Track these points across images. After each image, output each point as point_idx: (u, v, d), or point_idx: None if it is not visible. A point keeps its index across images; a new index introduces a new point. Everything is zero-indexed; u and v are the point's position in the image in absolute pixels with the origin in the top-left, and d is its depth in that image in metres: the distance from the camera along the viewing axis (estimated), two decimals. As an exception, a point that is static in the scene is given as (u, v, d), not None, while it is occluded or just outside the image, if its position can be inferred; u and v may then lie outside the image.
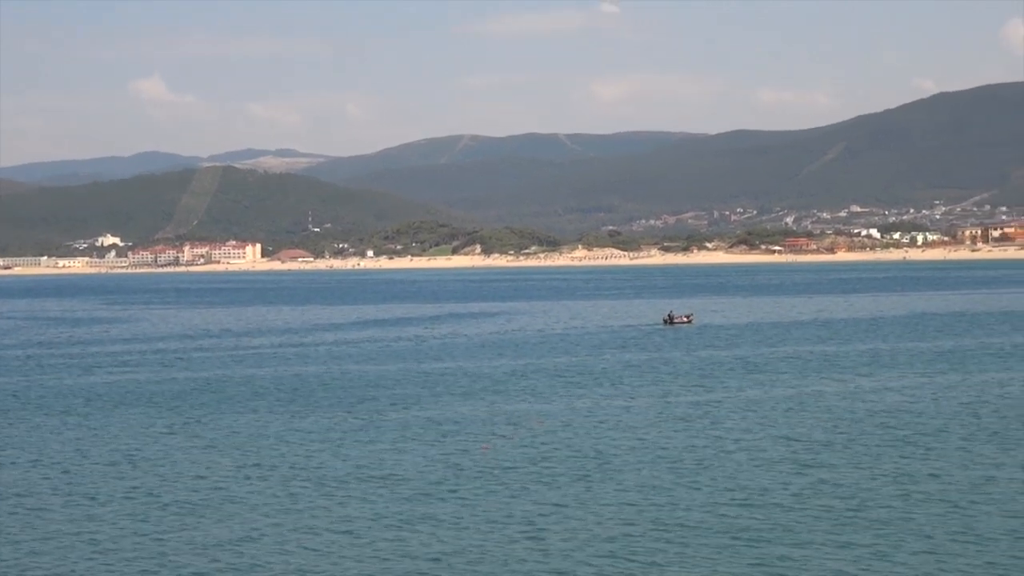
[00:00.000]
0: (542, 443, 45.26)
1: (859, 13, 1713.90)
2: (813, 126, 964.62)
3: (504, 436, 47.13)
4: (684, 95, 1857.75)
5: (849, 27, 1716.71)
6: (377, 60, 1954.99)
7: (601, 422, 50.23)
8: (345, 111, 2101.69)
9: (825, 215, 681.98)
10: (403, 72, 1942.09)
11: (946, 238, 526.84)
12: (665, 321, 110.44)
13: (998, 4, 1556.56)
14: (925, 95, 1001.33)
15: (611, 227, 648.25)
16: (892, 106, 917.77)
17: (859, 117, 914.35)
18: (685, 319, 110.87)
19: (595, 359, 78.30)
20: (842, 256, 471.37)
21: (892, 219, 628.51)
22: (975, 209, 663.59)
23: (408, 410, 55.10)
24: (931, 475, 37.82)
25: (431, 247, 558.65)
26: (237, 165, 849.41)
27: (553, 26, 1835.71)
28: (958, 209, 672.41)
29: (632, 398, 58.01)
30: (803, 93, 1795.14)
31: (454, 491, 37.06)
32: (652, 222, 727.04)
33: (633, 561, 29.24)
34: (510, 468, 40.54)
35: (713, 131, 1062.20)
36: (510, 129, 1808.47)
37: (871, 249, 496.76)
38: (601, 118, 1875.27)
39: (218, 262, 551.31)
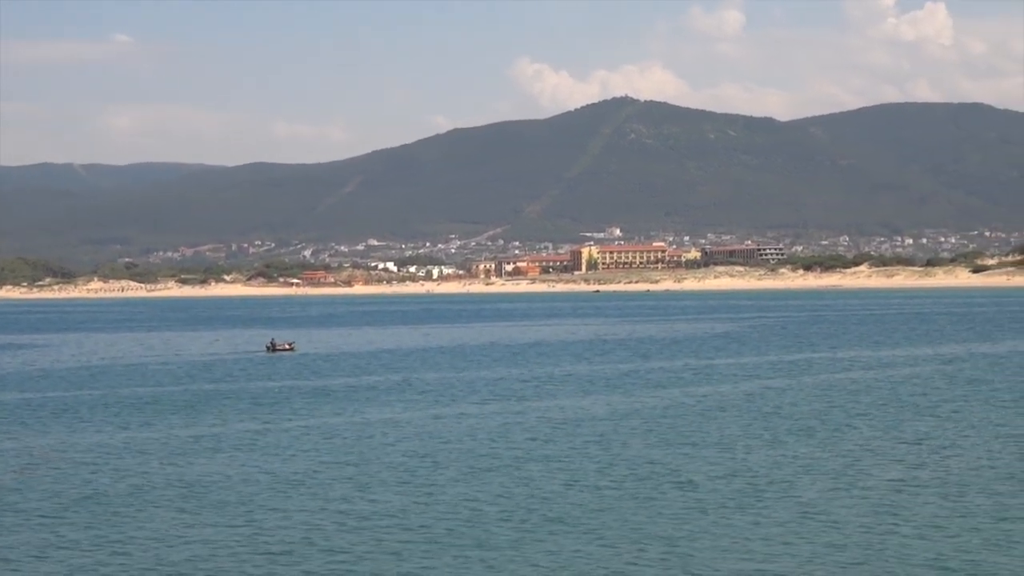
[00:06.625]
0: (70, 475, 44.00)
1: (365, 50, 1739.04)
2: (331, 160, 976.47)
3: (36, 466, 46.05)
4: (200, 127, 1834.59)
5: (358, 64, 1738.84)
6: None
7: (142, 452, 49.18)
8: None
9: (343, 248, 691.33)
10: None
11: (461, 272, 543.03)
12: (268, 349, 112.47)
13: (506, 43, 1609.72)
14: (441, 131, 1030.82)
15: (128, 259, 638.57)
16: (409, 141, 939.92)
17: (376, 152, 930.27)
18: (287, 347, 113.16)
19: (188, 386, 77.84)
20: (360, 289, 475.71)
21: (409, 252, 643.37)
22: (489, 243, 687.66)
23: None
24: (532, 496, 38.34)
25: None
26: None
27: (67, 55, 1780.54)
28: (473, 243, 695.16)
29: (212, 425, 57.21)
30: (318, 127, 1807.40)
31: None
32: (170, 254, 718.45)
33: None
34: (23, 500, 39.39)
35: (231, 163, 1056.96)
36: (22, 159, 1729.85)
37: (388, 283, 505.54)
38: (117, 148, 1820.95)
39: None
